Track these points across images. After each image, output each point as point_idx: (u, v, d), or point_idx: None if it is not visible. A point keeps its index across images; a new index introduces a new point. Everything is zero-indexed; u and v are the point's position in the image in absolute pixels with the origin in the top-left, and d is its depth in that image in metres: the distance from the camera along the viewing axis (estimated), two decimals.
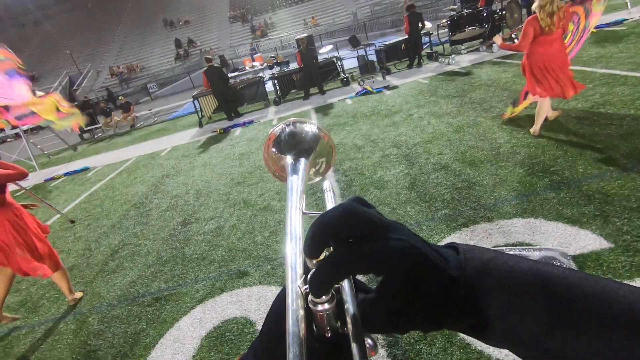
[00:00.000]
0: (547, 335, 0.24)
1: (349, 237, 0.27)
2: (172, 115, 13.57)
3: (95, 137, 13.72)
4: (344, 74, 9.99)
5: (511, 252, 0.29)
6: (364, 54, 9.28)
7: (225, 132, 8.32)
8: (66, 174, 8.44)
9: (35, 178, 8.97)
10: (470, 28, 8.53)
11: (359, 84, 9.18)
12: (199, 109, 9.91)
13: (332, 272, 0.27)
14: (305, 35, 9.69)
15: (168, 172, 6.24)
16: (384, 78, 9.18)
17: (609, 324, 0.23)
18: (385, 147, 4.62)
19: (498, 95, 5.42)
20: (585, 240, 2.19)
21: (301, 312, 0.27)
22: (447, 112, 5.28)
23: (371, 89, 8.14)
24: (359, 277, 0.32)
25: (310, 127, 0.46)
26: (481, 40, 9.25)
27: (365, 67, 9.33)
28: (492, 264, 0.27)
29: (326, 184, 0.45)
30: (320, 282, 0.27)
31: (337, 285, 0.29)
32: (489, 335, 0.27)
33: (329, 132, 0.51)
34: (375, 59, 9.99)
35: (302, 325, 0.26)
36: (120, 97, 13.82)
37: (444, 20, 9.40)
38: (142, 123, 13.80)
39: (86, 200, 5.98)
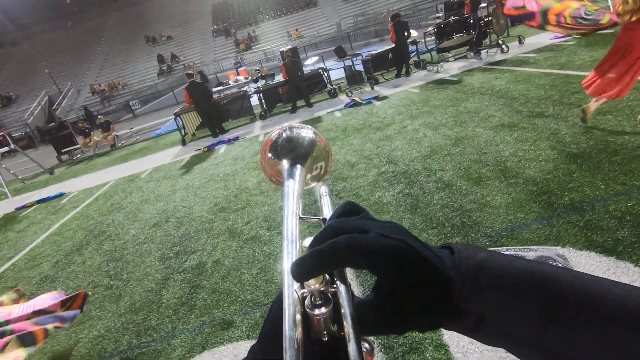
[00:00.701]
0: (543, 333, 0.24)
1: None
2: (154, 133, 13.10)
3: (74, 158, 13.13)
4: (331, 86, 9.74)
5: (507, 252, 0.29)
6: (351, 64, 9.05)
7: (210, 150, 7.91)
8: (39, 201, 7.89)
9: (6, 206, 8.39)
10: (457, 35, 8.38)
11: (347, 96, 8.92)
12: (181, 127, 9.51)
13: (330, 257, 0.27)
14: (290, 47, 9.42)
15: (147, 197, 5.79)
16: (372, 88, 8.95)
17: (603, 320, 0.23)
18: (381, 163, 4.29)
19: (494, 103, 5.17)
20: (629, 275, 1.87)
21: (298, 316, 0.27)
22: (442, 123, 5.00)
23: (360, 101, 7.88)
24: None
25: (307, 133, 0.46)
26: (468, 47, 9.13)
27: (353, 78, 9.09)
28: (486, 263, 0.27)
29: (323, 189, 0.46)
30: (312, 265, 0.27)
31: (333, 289, 0.29)
32: (485, 334, 0.27)
33: None
34: (362, 70, 9.77)
35: (299, 330, 0.26)
36: (99, 116, 13.28)
37: (430, 28, 9.27)
38: (123, 142, 13.28)
39: (57, 231, 5.48)
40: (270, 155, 0.45)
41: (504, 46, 8.47)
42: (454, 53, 9.57)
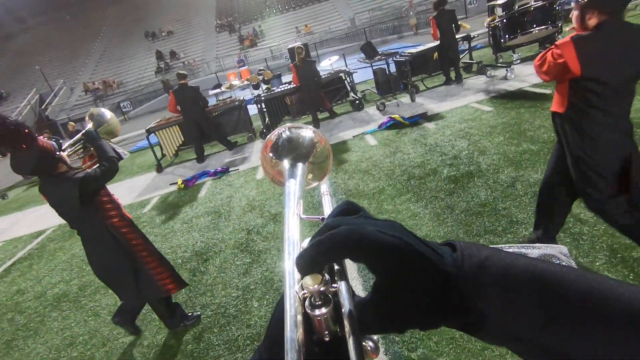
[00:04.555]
0: (544, 332, 0.24)
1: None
2: (134, 147, 10.82)
3: None
4: (354, 95, 7.38)
5: (510, 250, 0.29)
6: (385, 66, 6.69)
7: (187, 187, 5.61)
8: None
9: None
10: (538, 28, 5.97)
11: (379, 109, 6.56)
12: (156, 145, 7.23)
13: (329, 250, 0.27)
14: (299, 44, 7.10)
15: (66, 292, 3.49)
16: (412, 100, 6.57)
17: (606, 320, 0.22)
18: None
19: None
20: None
21: (299, 317, 0.27)
22: None
23: (401, 120, 5.52)
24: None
25: (307, 132, 0.46)
26: (541, 44, 6.72)
27: (387, 85, 6.72)
28: (489, 261, 0.26)
29: (323, 188, 0.45)
30: (313, 258, 0.27)
31: (333, 289, 0.28)
32: (486, 332, 0.27)
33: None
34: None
35: (300, 330, 0.26)
36: (69, 124, 11.07)
37: (489, 18, 6.86)
38: None
39: None
40: (271, 155, 0.46)
41: None
42: (519, 52, 7.15)
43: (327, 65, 7.48)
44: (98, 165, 2.22)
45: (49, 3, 41.54)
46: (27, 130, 1.96)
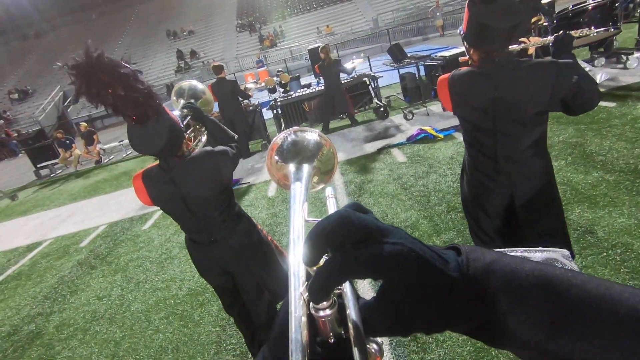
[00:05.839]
0: (550, 338, 0.23)
1: (345, 244, 0.26)
2: None
3: (52, 175, 10.74)
4: (379, 102, 6.74)
5: (513, 254, 0.29)
6: (416, 71, 6.03)
7: None
8: None
9: None
10: (597, 30, 5.21)
11: (406, 118, 5.91)
12: None
13: (329, 278, 0.26)
14: (320, 45, 6.54)
15: (30, 339, 3.02)
16: (444, 109, 5.88)
17: (612, 326, 0.22)
18: None
19: None
20: None
21: (304, 318, 0.27)
22: None
23: (434, 132, 4.87)
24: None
25: (312, 135, 0.46)
26: (598, 48, 5.92)
27: (417, 92, 6.05)
28: (494, 265, 0.26)
29: (328, 191, 0.45)
30: (318, 288, 0.27)
31: (338, 291, 0.28)
32: (491, 337, 0.26)
33: None
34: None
35: (305, 332, 0.26)
36: (82, 124, 10.81)
37: (535, 19, 6.10)
38: (112, 157, 10.78)
39: None
40: (276, 158, 0.45)
41: None
42: None
43: (350, 67, 6.88)
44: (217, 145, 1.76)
45: (76, 2, 42.51)
46: (156, 95, 1.34)
